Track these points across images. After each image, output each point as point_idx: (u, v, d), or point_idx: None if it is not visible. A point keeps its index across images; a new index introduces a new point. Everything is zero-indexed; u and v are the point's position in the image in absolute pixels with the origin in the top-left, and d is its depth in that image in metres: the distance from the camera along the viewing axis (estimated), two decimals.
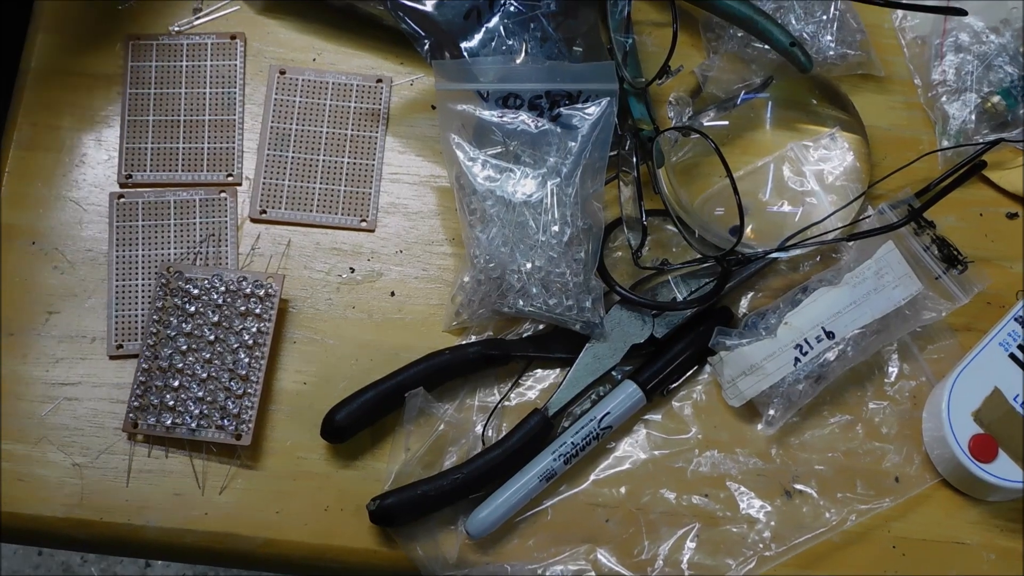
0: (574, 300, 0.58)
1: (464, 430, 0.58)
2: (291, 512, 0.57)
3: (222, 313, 0.58)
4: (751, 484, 0.58)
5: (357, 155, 0.64)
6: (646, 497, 0.58)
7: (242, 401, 0.57)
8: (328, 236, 0.62)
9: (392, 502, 0.55)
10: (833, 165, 0.64)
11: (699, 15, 0.66)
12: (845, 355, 0.58)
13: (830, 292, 0.59)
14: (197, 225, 0.61)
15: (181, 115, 0.63)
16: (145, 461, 0.57)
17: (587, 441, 0.57)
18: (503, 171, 0.60)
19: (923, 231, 0.60)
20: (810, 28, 0.65)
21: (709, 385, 0.60)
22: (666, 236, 0.62)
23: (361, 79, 0.65)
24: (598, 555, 0.56)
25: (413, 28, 0.61)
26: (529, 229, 0.59)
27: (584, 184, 0.59)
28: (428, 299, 0.61)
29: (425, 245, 0.62)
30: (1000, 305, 0.61)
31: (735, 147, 0.64)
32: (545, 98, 0.60)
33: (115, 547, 0.57)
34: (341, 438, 0.57)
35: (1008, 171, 0.65)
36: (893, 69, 0.67)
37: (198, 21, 0.66)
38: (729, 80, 0.64)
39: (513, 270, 0.58)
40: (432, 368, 0.58)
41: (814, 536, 0.57)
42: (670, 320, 0.60)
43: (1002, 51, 0.65)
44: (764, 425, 0.59)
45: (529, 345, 0.59)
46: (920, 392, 0.60)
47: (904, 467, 0.59)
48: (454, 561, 0.56)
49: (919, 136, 0.66)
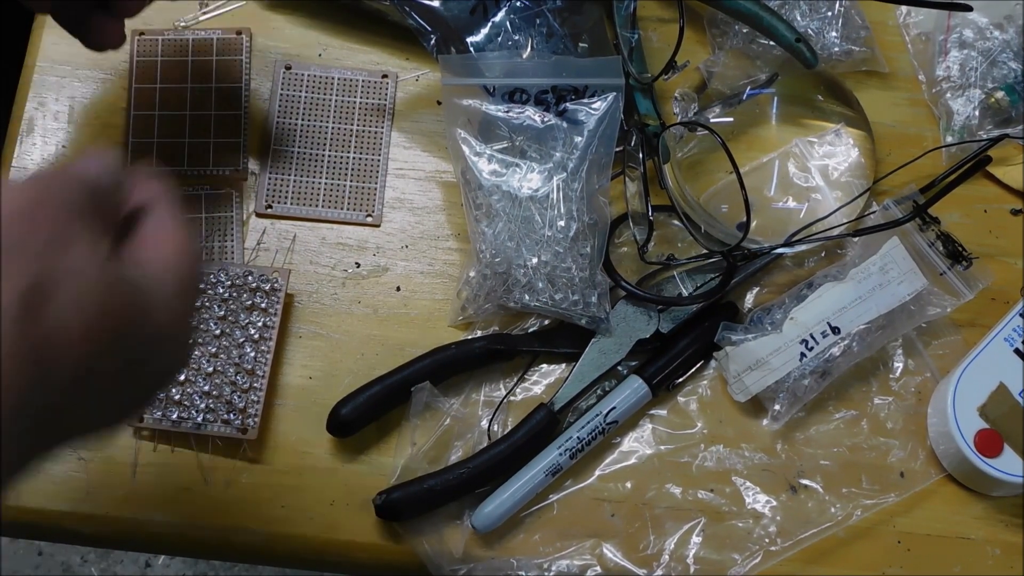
0: (580, 295, 0.58)
1: (470, 425, 0.58)
2: (297, 506, 0.57)
3: (228, 307, 0.58)
4: (756, 479, 0.58)
5: (363, 150, 0.64)
6: (652, 492, 0.58)
7: (248, 395, 0.57)
8: (334, 231, 0.62)
9: (398, 496, 0.55)
10: (838, 161, 0.64)
11: (704, 11, 0.66)
12: (850, 350, 0.58)
13: (835, 288, 0.59)
14: (203, 219, 0.61)
15: (187, 110, 0.63)
16: (151, 455, 0.57)
17: (593, 436, 0.57)
18: (509, 166, 0.60)
19: (928, 227, 0.60)
20: (815, 24, 0.65)
21: (714, 380, 0.60)
22: (672, 231, 0.62)
23: (367, 75, 0.65)
24: (604, 550, 0.57)
25: (419, 23, 0.62)
26: (535, 224, 0.59)
27: (590, 179, 0.59)
28: (434, 294, 0.61)
29: (431, 240, 0.62)
30: (1004, 301, 0.62)
31: (740, 143, 0.64)
32: (551, 93, 0.60)
33: (120, 542, 0.57)
34: (347, 432, 0.57)
35: (1012, 167, 0.65)
36: (897, 65, 0.67)
37: (204, 16, 0.66)
38: (734, 76, 0.64)
39: (519, 265, 0.58)
40: (438, 363, 0.58)
41: (819, 531, 0.57)
42: (676, 315, 0.60)
43: (1006, 47, 0.65)
44: (769, 420, 0.59)
45: (535, 340, 0.59)
46: (925, 388, 0.60)
47: (909, 462, 0.59)
48: (460, 556, 0.56)
49: (923, 132, 0.66)
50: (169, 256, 0.39)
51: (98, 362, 0.35)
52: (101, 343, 0.34)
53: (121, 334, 0.35)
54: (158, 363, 0.40)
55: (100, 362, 0.35)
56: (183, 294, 0.39)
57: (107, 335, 0.35)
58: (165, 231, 0.40)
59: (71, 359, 0.34)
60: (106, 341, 0.35)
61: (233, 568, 1.34)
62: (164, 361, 0.40)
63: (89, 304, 0.34)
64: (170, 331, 0.39)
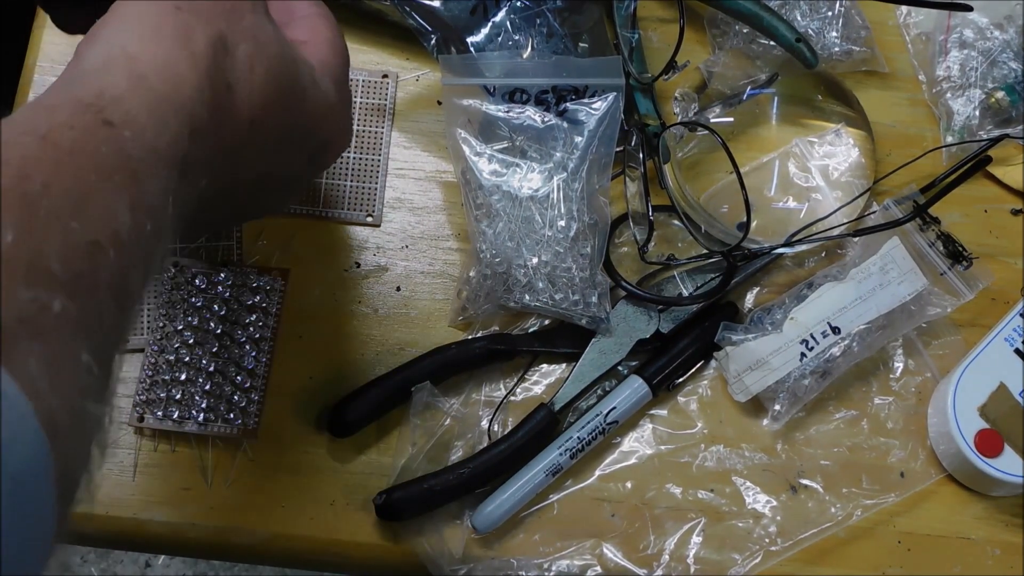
0: (580, 295, 0.58)
1: (470, 425, 0.58)
2: (297, 506, 0.57)
3: (228, 307, 0.58)
4: (757, 479, 0.58)
5: (363, 150, 0.64)
6: (652, 492, 0.58)
7: (248, 395, 0.57)
8: (334, 231, 0.62)
9: (398, 497, 0.55)
10: (838, 161, 0.64)
11: (704, 11, 0.66)
12: (850, 350, 0.58)
13: (835, 288, 0.59)
14: None
15: None
16: (151, 455, 0.57)
17: (593, 436, 0.57)
18: (509, 166, 0.60)
19: (928, 227, 0.60)
20: (815, 24, 0.66)
21: (715, 380, 0.60)
22: (672, 231, 0.62)
23: (367, 75, 0.65)
24: (604, 550, 0.57)
25: (419, 23, 0.62)
26: (535, 224, 0.59)
27: (590, 179, 0.59)
28: (434, 294, 0.61)
29: (431, 240, 0.62)
30: (1005, 301, 0.62)
31: (740, 143, 0.64)
32: (551, 93, 0.60)
33: (121, 541, 0.57)
34: (347, 432, 0.57)
35: (1012, 167, 0.65)
36: (897, 65, 0.67)
37: None
38: (734, 76, 0.64)
39: (519, 265, 0.58)
40: (438, 363, 0.58)
41: (819, 531, 0.57)
42: (676, 315, 0.60)
43: (1006, 47, 0.65)
44: (770, 420, 0.59)
45: (535, 340, 0.60)
46: (925, 388, 0.60)
47: (909, 462, 0.59)
48: (460, 556, 0.56)
49: (923, 132, 0.66)
50: (325, 48, 0.46)
51: (268, 116, 0.40)
52: (269, 96, 0.40)
53: (286, 93, 0.41)
54: (319, 137, 0.46)
55: (270, 116, 0.40)
56: (339, 80, 0.46)
57: (274, 93, 0.40)
58: (324, 28, 0.46)
59: (246, 105, 0.39)
60: (274, 97, 0.40)
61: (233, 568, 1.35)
62: (325, 135, 0.46)
63: (262, 61, 0.40)
64: (329, 111, 0.45)
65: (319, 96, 0.44)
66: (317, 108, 0.44)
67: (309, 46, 0.45)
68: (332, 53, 0.46)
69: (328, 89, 0.45)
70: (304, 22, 0.46)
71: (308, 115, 0.44)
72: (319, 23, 0.46)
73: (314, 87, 0.44)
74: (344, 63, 0.47)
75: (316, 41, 0.45)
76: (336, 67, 0.46)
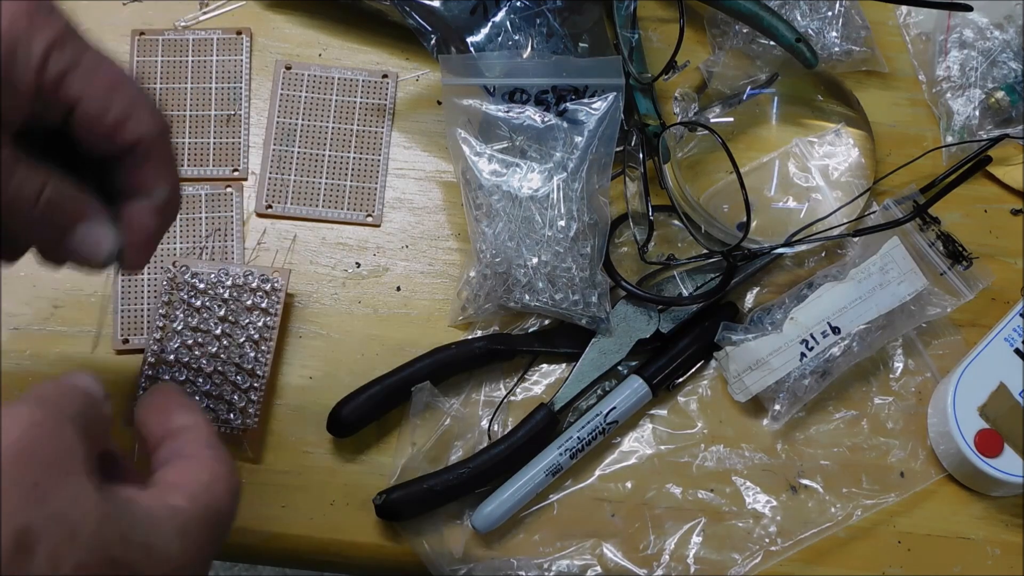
0: (580, 295, 0.58)
1: (470, 424, 0.58)
2: (297, 506, 0.57)
3: (228, 307, 0.58)
4: (757, 479, 0.58)
5: (363, 150, 0.64)
6: (652, 492, 0.58)
7: (248, 395, 0.57)
8: (334, 231, 0.62)
9: (398, 496, 0.55)
10: (838, 161, 0.64)
11: (704, 11, 0.66)
12: (850, 350, 0.58)
13: (835, 288, 0.59)
14: (203, 220, 0.61)
15: (187, 110, 0.63)
16: None
17: (593, 436, 0.57)
18: (509, 166, 0.60)
19: (928, 227, 0.60)
20: (815, 24, 0.66)
21: (715, 380, 0.60)
22: (672, 231, 0.62)
23: (367, 74, 0.65)
24: (604, 549, 0.57)
25: (419, 23, 0.62)
26: (535, 224, 0.59)
27: (590, 179, 0.59)
28: (434, 294, 0.61)
29: (431, 240, 0.62)
30: (1005, 301, 0.62)
31: (740, 143, 0.64)
32: (551, 93, 0.60)
33: None
34: (347, 432, 0.57)
35: (1012, 167, 0.65)
36: (897, 65, 0.67)
37: (204, 16, 0.66)
38: (734, 76, 0.64)
39: (519, 265, 0.58)
40: (438, 363, 0.58)
41: (819, 531, 0.57)
42: (676, 315, 0.60)
43: (1006, 47, 0.65)
44: (770, 420, 0.59)
45: (535, 340, 0.59)
46: (925, 388, 0.60)
47: (909, 462, 0.59)
48: (460, 556, 0.56)
49: (923, 132, 0.66)
50: (184, 496, 0.39)
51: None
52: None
53: (106, 563, 0.35)
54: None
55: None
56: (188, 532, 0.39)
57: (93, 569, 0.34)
58: (197, 472, 0.41)
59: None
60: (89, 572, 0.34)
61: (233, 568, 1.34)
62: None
63: (74, 553, 0.34)
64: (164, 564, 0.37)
65: (158, 552, 0.38)
66: (151, 564, 0.37)
67: (171, 491, 0.40)
68: (191, 502, 0.39)
69: (169, 544, 0.38)
70: (181, 464, 0.41)
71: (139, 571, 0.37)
72: (194, 467, 0.41)
73: (151, 542, 0.37)
74: (206, 511, 0.40)
75: (181, 485, 0.40)
76: (190, 518, 0.39)
